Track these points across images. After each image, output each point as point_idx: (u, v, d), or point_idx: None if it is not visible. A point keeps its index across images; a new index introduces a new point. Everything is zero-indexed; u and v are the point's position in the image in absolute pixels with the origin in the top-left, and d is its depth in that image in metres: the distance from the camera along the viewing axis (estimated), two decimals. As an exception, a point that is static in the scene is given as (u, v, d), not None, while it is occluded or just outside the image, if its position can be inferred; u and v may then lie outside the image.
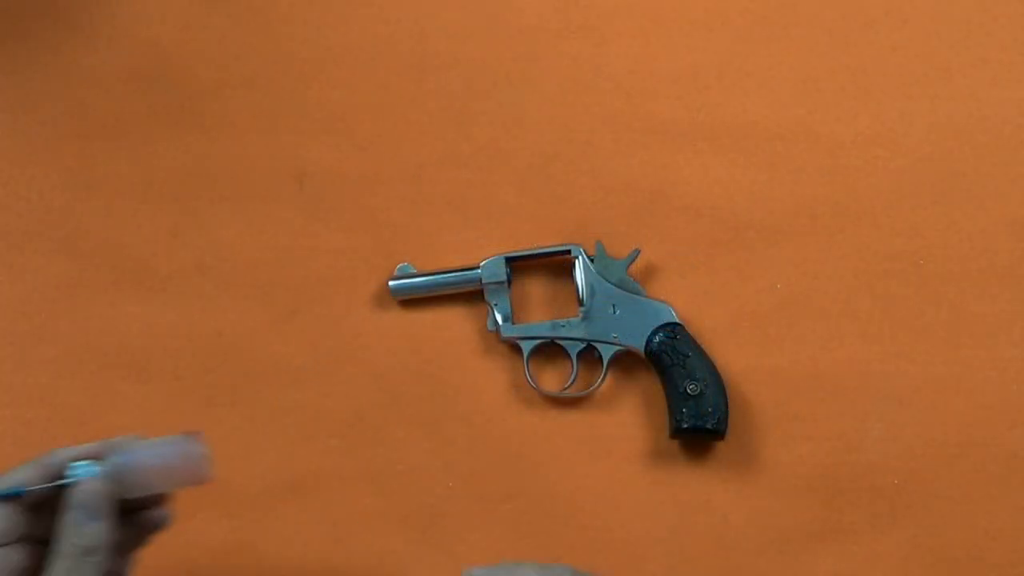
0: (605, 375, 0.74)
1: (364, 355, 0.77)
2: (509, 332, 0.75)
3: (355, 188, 0.80)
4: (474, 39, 0.82)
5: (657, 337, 0.74)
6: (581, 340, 0.74)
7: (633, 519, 0.73)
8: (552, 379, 0.76)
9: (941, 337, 0.76)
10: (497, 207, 0.79)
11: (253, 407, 0.76)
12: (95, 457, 0.57)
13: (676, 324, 0.74)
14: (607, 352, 0.74)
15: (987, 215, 0.77)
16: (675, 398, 0.72)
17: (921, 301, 0.76)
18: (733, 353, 0.76)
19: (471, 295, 0.77)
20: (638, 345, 0.74)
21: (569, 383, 0.75)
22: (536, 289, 0.78)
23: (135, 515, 0.60)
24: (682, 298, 0.76)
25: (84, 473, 0.56)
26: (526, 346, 0.75)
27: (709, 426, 0.72)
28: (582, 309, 0.75)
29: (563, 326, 0.75)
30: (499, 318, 0.75)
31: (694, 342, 0.74)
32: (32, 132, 0.81)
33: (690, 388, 0.72)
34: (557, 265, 0.77)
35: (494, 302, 0.75)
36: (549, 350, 0.76)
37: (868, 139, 0.79)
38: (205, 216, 0.80)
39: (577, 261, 0.75)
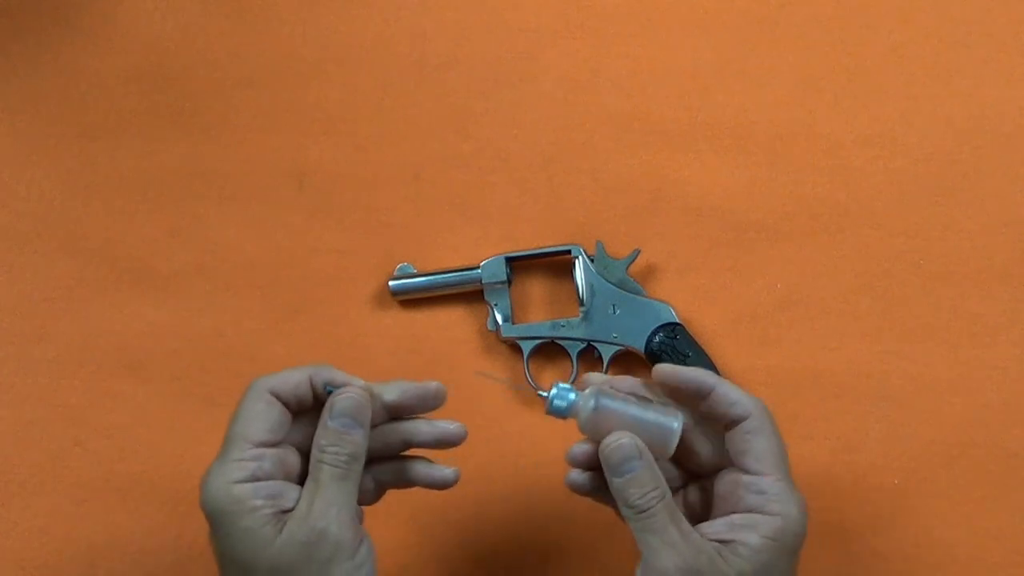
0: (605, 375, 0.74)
1: (364, 355, 0.77)
2: (509, 332, 0.75)
3: (355, 188, 0.80)
4: (474, 39, 0.82)
5: (657, 337, 0.74)
6: (581, 340, 0.75)
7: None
8: (552, 379, 0.76)
9: (941, 337, 0.76)
10: (497, 207, 0.79)
11: (253, 407, 0.76)
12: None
13: (676, 324, 0.74)
14: (607, 352, 0.74)
15: (987, 215, 0.77)
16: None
17: (921, 301, 0.76)
18: (733, 353, 0.76)
19: (471, 295, 0.77)
20: (638, 345, 0.74)
21: (569, 383, 0.74)
22: (536, 289, 0.78)
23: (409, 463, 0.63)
24: (682, 298, 0.76)
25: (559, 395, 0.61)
26: (526, 346, 0.75)
27: None
28: (582, 309, 0.75)
29: (563, 326, 0.75)
30: (499, 318, 0.75)
31: (694, 342, 0.74)
32: (32, 132, 0.81)
33: None
34: (557, 265, 0.77)
35: (494, 302, 0.75)
36: (549, 350, 0.76)
37: (868, 139, 0.79)
38: (205, 216, 0.80)
39: (577, 261, 0.75)
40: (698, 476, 0.63)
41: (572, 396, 0.61)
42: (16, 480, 0.75)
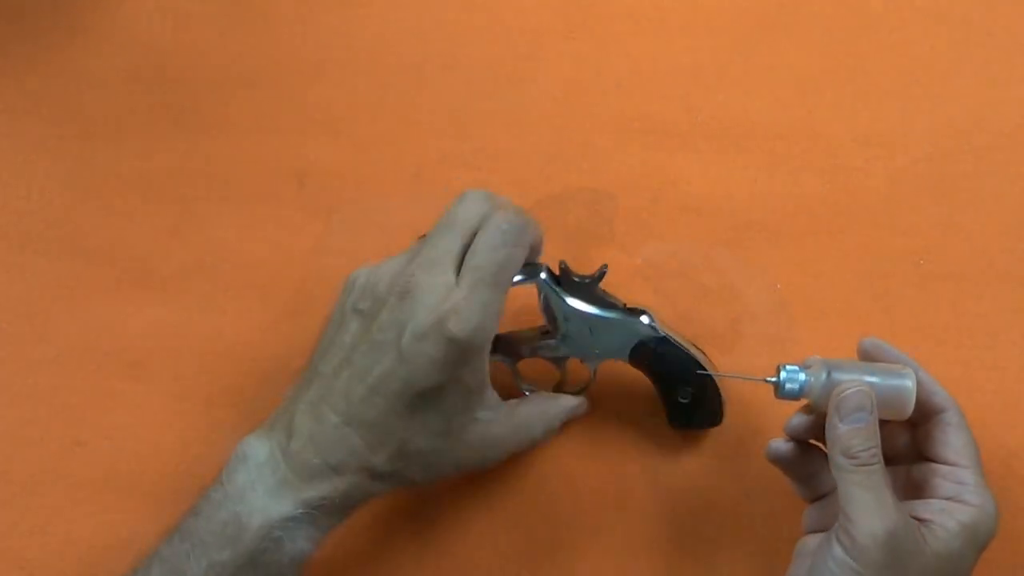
0: (592, 380, 0.73)
1: (363, 355, 0.77)
2: (492, 357, 0.68)
3: (355, 188, 0.80)
4: (474, 39, 0.82)
5: (640, 351, 0.71)
6: (564, 357, 0.72)
7: (633, 519, 0.73)
8: (550, 377, 0.76)
9: (941, 337, 0.76)
10: (496, 207, 0.79)
11: (253, 407, 0.76)
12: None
13: (657, 337, 0.70)
14: (593, 363, 0.72)
15: (987, 215, 0.77)
16: (669, 404, 0.71)
17: (921, 301, 0.76)
18: (733, 353, 0.76)
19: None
20: (622, 358, 0.71)
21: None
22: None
23: None
24: (682, 298, 0.76)
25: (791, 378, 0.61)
26: (509, 362, 0.72)
27: (705, 427, 0.73)
28: (559, 334, 0.70)
29: (542, 348, 0.71)
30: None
31: (680, 349, 0.71)
32: (32, 132, 0.81)
33: (681, 397, 0.71)
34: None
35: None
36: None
37: (868, 139, 0.79)
38: (205, 216, 0.80)
39: (542, 294, 0.70)
40: (891, 461, 0.62)
41: (802, 376, 0.61)
42: (16, 480, 0.75)
